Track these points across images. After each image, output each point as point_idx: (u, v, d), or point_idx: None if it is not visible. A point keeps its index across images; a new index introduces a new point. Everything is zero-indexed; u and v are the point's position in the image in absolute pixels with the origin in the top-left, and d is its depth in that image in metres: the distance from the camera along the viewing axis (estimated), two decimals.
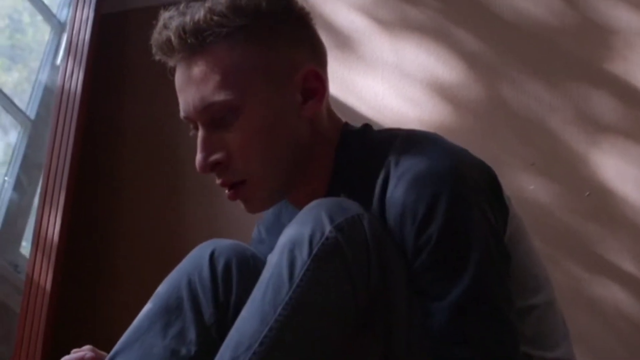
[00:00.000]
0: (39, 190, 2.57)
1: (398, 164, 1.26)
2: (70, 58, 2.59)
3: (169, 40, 1.31)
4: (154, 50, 1.35)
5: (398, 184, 1.24)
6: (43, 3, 2.82)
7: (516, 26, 2.44)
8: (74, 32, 2.63)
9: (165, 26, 1.32)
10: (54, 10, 2.87)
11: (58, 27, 2.85)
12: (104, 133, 2.75)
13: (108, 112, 2.76)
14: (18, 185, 2.60)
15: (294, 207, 1.44)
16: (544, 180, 2.33)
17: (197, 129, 1.35)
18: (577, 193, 2.30)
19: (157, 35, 1.33)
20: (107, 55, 2.74)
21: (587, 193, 2.29)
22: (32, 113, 2.70)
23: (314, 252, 1.16)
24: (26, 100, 2.73)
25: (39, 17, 2.84)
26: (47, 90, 2.74)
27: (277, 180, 1.35)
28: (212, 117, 1.31)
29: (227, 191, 1.35)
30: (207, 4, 1.31)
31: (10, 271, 2.49)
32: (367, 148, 1.35)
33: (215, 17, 1.29)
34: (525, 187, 2.32)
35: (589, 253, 2.25)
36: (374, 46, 2.52)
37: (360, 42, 2.53)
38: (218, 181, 1.35)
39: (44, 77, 2.77)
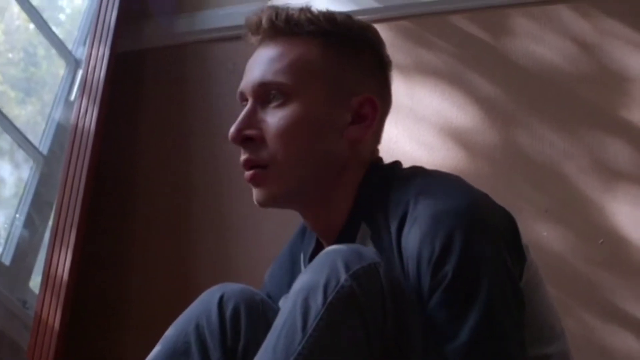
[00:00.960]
0: (49, 227, 2.56)
1: (417, 202, 1.25)
2: (85, 95, 2.60)
3: (259, 19, 1.38)
4: (243, 28, 1.42)
5: (416, 222, 1.23)
6: (59, 39, 2.83)
7: (531, 72, 2.44)
8: (89, 69, 2.63)
9: (261, 10, 1.39)
10: (70, 46, 2.89)
11: (73, 63, 2.86)
12: (116, 172, 2.74)
13: (121, 151, 2.76)
14: (29, 222, 2.60)
15: (310, 230, 1.45)
16: (557, 227, 2.32)
17: (246, 105, 1.39)
18: (590, 240, 2.28)
19: (252, 15, 1.40)
20: (122, 93, 2.75)
21: (601, 241, 2.27)
22: (44, 149, 2.71)
23: (329, 300, 1.14)
24: (39, 135, 2.73)
25: (54, 51, 2.86)
26: (60, 127, 2.75)
27: (295, 178, 1.36)
28: (264, 95, 1.36)
29: (246, 172, 1.37)
30: (307, 6, 1.39)
31: (19, 307, 2.48)
32: (390, 182, 1.35)
33: (308, 14, 1.37)
34: (539, 233, 2.31)
35: (601, 301, 2.23)
36: None
37: None
38: (244, 156, 1.37)
39: (57, 113, 2.78)
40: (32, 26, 2.81)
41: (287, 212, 1.47)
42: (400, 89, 2.51)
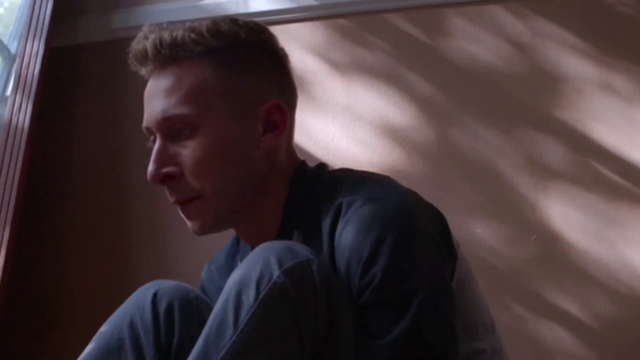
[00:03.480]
0: None
1: (347, 207, 1.25)
2: (19, 91, 2.56)
3: (144, 49, 1.33)
4: (129, 58, 1.37)
5: (346, 225, 1.23)
6: None
7: (466, 71, 2.46)
8: (24, 64, 2.60)
9: (144, 37, 1.34)
10: (5, 41, 2.85)
11: (9, 58, 2.82)
12: (51, 168, 2.72)
13: (56, 146, 2.73)
14: None
15: (245, 242, 1.43)
16: (491, 223, 2.35)
17: (155, 140, 1.35)
18: (523, 236, 2.32)
19: (135, 45, 1.36)
20: (57, 89, 2.72)
21: (534, 237, 2.31)
22: None
23: (261, 296, 1.14)
24: None
25: None
26: None
27: (225, 204, 1.34)
28: (171, 129, 1.32)
29: (179, 207, 1.35)
30: (189, 24, 1.34)
31: None
32: (318, 188, 1.35)
33: (192, 35, 1.32)
34: (473, 229, 2.34)
35: (534, 295, 2.27)
36: (326, 87, 2.53)
37: (312, 83, 2.54)
38: (171, 198, 1.35)
39: None
40: None
41: None
42: (337, 86, 2.52)
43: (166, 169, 1.32)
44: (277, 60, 1.41)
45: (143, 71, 1.37)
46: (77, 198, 2.70)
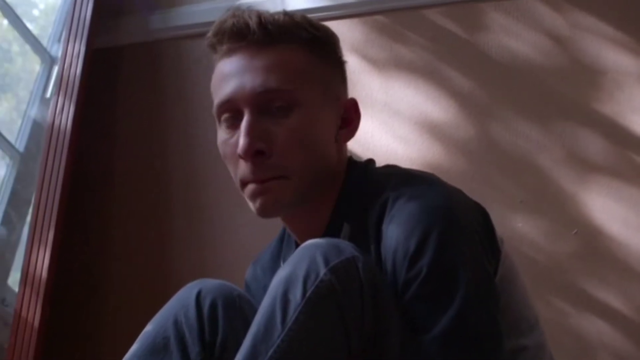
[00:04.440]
0: (27, 224, 2.56)
1: (393, 202, 1.27)
2: (61, 93, 2.59)
3: (245, 24, 1.32)
4: (212, 34, 1.36)
5: (392, 220, 1.25)
6: (32, 34, 2.82)
7: (505, 66, 2.46)
8: (65, 66, 2.62)
9: (236, 15, 1.34)
10: (44, 42, 2.88)
11: (48, 60, 2.85)
12: (94, 169, 2.74)
13: (99, 148, 2.76)
14: (6, 220, 2.59)
15: (292, 236, 1.45)
16: (532, 218, 2.34)
17: (233, 117, 1.34)
18: (565, 231, 2.31)
19: (231, 19, 1.34)
20: (99, 90, 2.74)
21: (575, 231, 2.30)
22: (21, 146, 2.70)
23: (308, 294, 1.15)
24: (15, 132, 2.73)
25: (28, 47, 2.85)
26: (37, 124, 2.74)
27: (304, 187, 1.34)
28: (267, 104, 1.31)
29: (254, 186, 1.33)
30: (284, 11, 1.37)
31: None
32: (367, 184, 1.36)
33: (295, 20, 1.35)
34: (514, 224, 2.33)
35: (576, 290, 2.26)
36: (364, 84, 2.53)
37: (350, 81, 2.49)
38: (251, 174, 1.32)
39: (33, 110, 2.77)
40: (5, 22, 2.80)
41: None
42: (375, 83, 2.52)
43: (259, 145, 1.31)
44: (344, 65, 1.45)
45: (231, 45, 1.34)
46: (119, 198, 2.73)
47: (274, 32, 1.33)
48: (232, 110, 1.34)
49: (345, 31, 2.59)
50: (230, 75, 1.34)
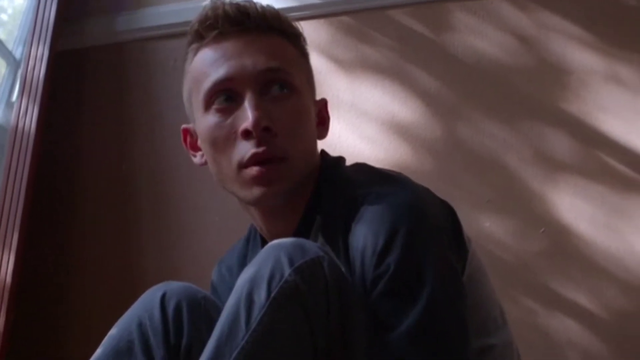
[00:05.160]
0: None
1: (362, 200, 1.27)
2: (24, 95, 2.57)
3: (244, 10, 1.34)
4: (200, 20, 1.36)
5: (361, 219, 1.25)
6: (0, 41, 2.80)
7: (472, 65, 2.47)
8: (29, 69, 2.60)
9: (222, 4, 1.35)
10: (10, 46, 2.85)
11: (14, 64, 2.83)
12: (58, 172, 2.72)
13: (64, 150, 2.74)
14: None
15: (264, 227, 1.42)
16: (499, 217, 2.35)
17: (230, 97, 1.33)
18: (532, 229, 2.32)
19: (228, 6, 1.35)
20: (64, 92, 2.73)
21: (542, 229, 2.31)
22: None
23: (272, 295, 1.14)
24: None
25: None
26: (1, 128, 2.72)
27: (300, 175, 1.34)
28: (270, 84, 1.32)
29: (259, 168, 1.31)
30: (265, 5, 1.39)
31: None
32: (337, 181, 1.36)
33: (282, 15, 1.38)
34: (482, 223, 2.34)
35: (543, 288, 2.27)
36: (331, 85, 2.53)
37: (316, 81, 2.50)
38: (259, 149, 1.30)
39: None
40: None
41: (230, 205, 1.45)
42: (342, 84, 2.52)
43: (266, 122, 1.29)
44: None
45: (216, 33, 1.34)
46: (84, 200, 2.71)
47: (274, 21, 1.36)
48: (229, 90, 1.33)
49: (311, 32, 2.57)
50: (225, 57, 1.33)
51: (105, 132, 2.70)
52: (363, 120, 2.50)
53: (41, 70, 2.58)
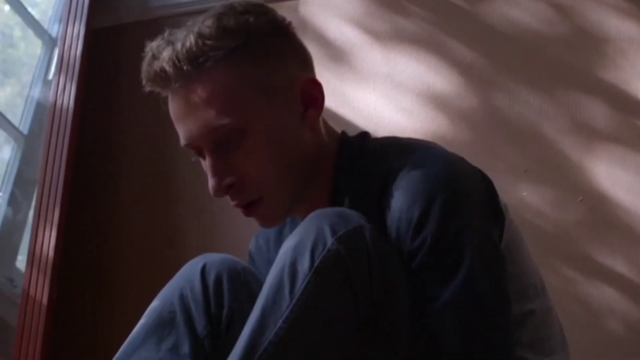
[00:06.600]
0: (33, 205, 2.57)
1: (395, 173, 1.26)
2: (62, 73, 2.59)
3: (162, 70, 1.28)
4: (144, 82, 1.32)
5: (395, 191, 1.24)
6: (34, 18, 2.82)
7: (508, 35, 2.45)
8: (65, 47, 2.62)
9: (154, 57, 1.29)
10: (45, 25, 2.87)
11: (49, 42, 2.85)
12: (97, 147, 2.75)
13: (101, 125, 2.76)
14: (12, 201, 2.60)
15: (297, 217, 1.43)
16: (537, 186, 2.34)
17: (200, 155, 1.34)
18: (570, 198, 2.31)
19: (148, 67, 1.30)
20: (100, 69, 2.75)
21: (580, 198, 2.29)
22: (25, 128, 2.70)
23: (316, 264, 1.16)
24: (19, 115, 2.73)
25: (30, 31, 2.84)
26: (40, 106, 2.74)
27: (290, 192, 1.34)
28: (218, 141, 1.29)
29: (242, 210, 1.34)
30: (194, 29, 1.28)
31: (6, 285, 2.49)
32: (365, 157, 1.35)
33: (207, 42, 1.26)
34: (519, 193, 2.33)
35: (581, 256, 2.26)
36: (366, 57, 2.53)
37: (352, 54, 2.54)
38: (232, 203, 1.33)
39: (36, 92, 2.77)
40: (7, 8, 2.79)
41: None
42: (378, 56, 2.52)
43: (227, 180, 1.30)
44: (288, 33, 1.36)
45: (165, 92, 1.32)
46: (123, 176, 2.73)
47: (190, 67, 1.26)
48: (194, 150, 1.33)
49: (345, 4, 2.59)
50: (176, 120, 1.32)
51: (142, 106, 2.71)
52: (399, 92, 2.49)
53: (78, 48, 2.60)
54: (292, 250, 1.19)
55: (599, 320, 2.20)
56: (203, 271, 1.41)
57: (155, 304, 1.42)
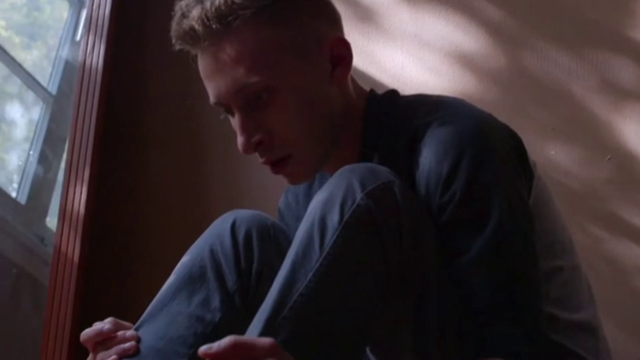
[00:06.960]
0: (63, 163, 2.59)
1: (424, 129, 1.27)
2: (90, 33, 2.60)
3: (192, 29, 1.29)
4: (174, 40, 1.34)
5: (424, 147, 1.26)
6: None
7: None
8: (94, 7, 2.63)
9: (184, 15, 1.31)
10: None
11: (76, 4, 2.86)
12: (126, 105, 2.75)
13: (130, 84, 2.76)
14: (43, 159, 2.63)
15: (326, 173, 1.45)
16: (565, 145, 2.33)
17: (229, 112, 1.36)
18: (598, 157, 2.30)
19: (177, 26, 1.32)
20: (128, 29, 2.75)
21: (609, 157, 2.29)
22: (53, 89, 2.72)
23: (345, 219, 1.17)
24: (47, 77, 2.75)
25: None
26: (68, 66, 2.76)
27: (319, 151, 1.36)
28: (248, 99, 1.31)
29: (270, 167, 1.36)
30: None
31: (37, 244, 2.52)
32: (394, 114, 1.36)
33: (236, 0, 1.28)
34: (547, 152, 2.32)
35: (610, 215, 2.25)
36: (393, 16, 2.51)
37: (379, 13, 2.52)
38: (261, 160, 1.35)
39: (64, 53, 2.79)
40: None
41: None
42: (405, 15, 2.51)
43: (256, 137, 1.32)
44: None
45: (195, 50, 1.34)
46: (152, 133, 2.73)
47: (219, 25, 1.28)
48: (223, 107, 1.36)
49: None
50: (205, 78, 1.35)
51: (170, 65, 2.71)
52: (427, 51, 2.48)
53: (106, 8, 2.60)
54: (321, 205, 1.20)
55: (626, 278, 2.20)
56: (233, 227, 1.43)
57: (185, 259, 1.44)
